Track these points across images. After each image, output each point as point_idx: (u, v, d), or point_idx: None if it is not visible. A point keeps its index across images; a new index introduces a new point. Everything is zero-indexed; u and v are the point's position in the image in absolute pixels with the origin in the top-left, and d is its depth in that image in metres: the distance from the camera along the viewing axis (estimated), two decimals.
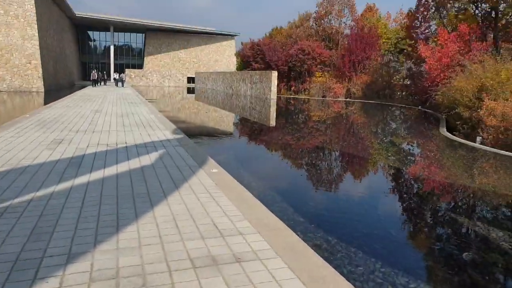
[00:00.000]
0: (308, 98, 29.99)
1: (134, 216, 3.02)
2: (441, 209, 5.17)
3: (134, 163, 4.85)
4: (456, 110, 10.96)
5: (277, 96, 27.33)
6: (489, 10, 19.05)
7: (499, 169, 7.47)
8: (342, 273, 2.90)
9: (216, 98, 28.67)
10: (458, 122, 11.11)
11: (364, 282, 2.99)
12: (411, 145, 10.77)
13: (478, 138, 9.60)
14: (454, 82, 11.87)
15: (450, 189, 6.09)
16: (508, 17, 18.83)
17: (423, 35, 24.24)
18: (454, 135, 10.80)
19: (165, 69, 51.74)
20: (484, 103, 9.92)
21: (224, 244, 2.60)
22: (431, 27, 25.02)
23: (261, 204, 3.52)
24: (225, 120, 16.14)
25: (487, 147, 9.03)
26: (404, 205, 5.42)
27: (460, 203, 5.49)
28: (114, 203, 3.32)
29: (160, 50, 52.13)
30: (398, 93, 27.97)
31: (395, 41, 33.45)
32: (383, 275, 3.11)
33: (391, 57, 33.06)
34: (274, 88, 26.14)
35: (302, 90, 32.67)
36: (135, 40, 56.44)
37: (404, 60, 31.13)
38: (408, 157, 9.06)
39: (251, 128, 13.49)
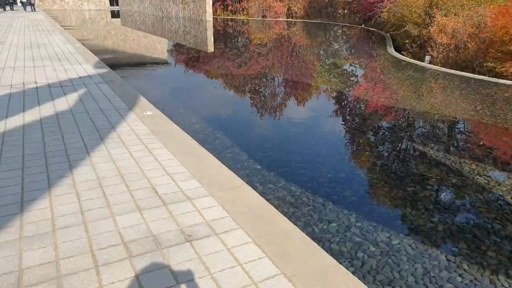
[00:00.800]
0: (247, 19, 28.49)
1: (46, 185, 2.37)
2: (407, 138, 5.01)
3: (47, 109, 4.01)
4: (405, 28, 10.67)
5: (213, 18, 25.58)
6: None
7: (447, 89, 7.49)
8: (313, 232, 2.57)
9: (145, 22, 26.22)
10: (406, 41, 10.93)
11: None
12: (359, 67, 10.49)
13: (427, 57, 9.52)
14: None
15: (405, 112, 5.96)
16: None
17: None
18: (402, 54, 10.71)
19: None
20: (435, 19, 9.71)
21: (168, 215, 2.09)
22: None
23: (209, 154, 3.00)
24: (157, 47, 14.74)
25: (437, 67, 9.03)
26: (364, 136, 5.19)
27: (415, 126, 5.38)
28: (19, 167, 2.60)
29: None
30: (340, 11, 27.42)
31: None
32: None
33: None
34: (209, 9, 24.30)
35: (240, 10, 30.87)
36: None
37: None
38: (359, 80, 8.85)
39: (187, 56, 12.42)
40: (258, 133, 4.82)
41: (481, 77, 7.82)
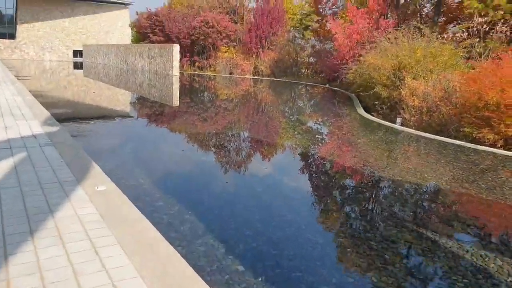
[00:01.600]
0: (214, 75, 28.62)
1: None
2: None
3: None
4: (375, 89, 10.67)
5: (180, 73, 25.45)
6: None
7: (421, 154, 7.23)
8: None
9: (108, 74, 25.65)
10: (376, 102, 10.91)
11: None
12: (329, 126, 10.20)
13: (398, 119, 9.44)
14: (371, 60, 11.57)
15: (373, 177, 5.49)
16: None
17: (331, 10, 24.42)
18: (372, 115, 10.63)
19: (45, 40, 45.36)
20: (405, 82, 9.78)
21: None
22: (339, 2, 25.38)
23: (177, 254, 2.25)
24: (120, 100, 14.05)
25: (410, 129, 8.85)
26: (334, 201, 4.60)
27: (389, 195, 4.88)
28: None
29: (38, 17, 45.37)
30: (304, 71, 28.19)
31: (300, 17, 33.55)
32: None
33: (296, 34, 33.23)
34: (176, 63, 24.19)
35: (208, 66, 31.11)
36: (4, 4, 48.30)
37: (309, 37, 31.49)
38: (329, 139, 8.45)
39: (151, 110, 11.77)
40: (232, 209, 4.10)
41: (458, 142, 7.65)
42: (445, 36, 12.00)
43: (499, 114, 7.29)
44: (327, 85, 21.14)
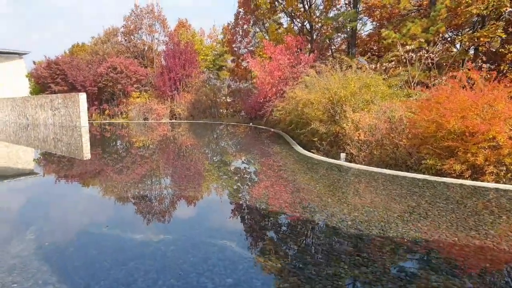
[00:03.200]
0: (128, 122, 27.86)
1: None
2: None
3: None
4: (312, 126, 10.54)
5: (89, 123, 24.34)
6: (304, 23, 21.31)
7: (387, 193, 7.22)
8: None
9: (5, 130, 23.65)
10: (314, 139, 10.70)
11: None
12: (267, 166, 9.58)
13: (342, 155, 9.37)
14: (301, 95, 11.70)
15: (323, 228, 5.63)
16: (322, 29, 21.56)
17: (246, 49, 25.50)
18: (312, 153, 10.50)
19: None
20: (346, 115, 9.76)
21: None
22: (254, 40, 26.67)
23: None
24: (21, 158, 12.96)
25: (359, 165, 8.68)
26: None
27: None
28: None
29: None
30: (224, 111, 28.73)
31: (213, 58, 34.54)
32: None
33: (211, 75, 34.02)
34: (84, 113, 23.12)
35: (119, 113, 30.28)
36: None
37: (225, 77, 32.40)
38: (274, 186, 7.43)
39: (58, 166, 10.99)
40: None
41: (423, 176, 7.40)
42: (373, 67, 12.81)
43: (463, 143, 7.11)
44: (251, 124, 21.62)
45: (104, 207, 6.47)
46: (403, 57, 13.31)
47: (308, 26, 23.31)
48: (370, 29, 22.06)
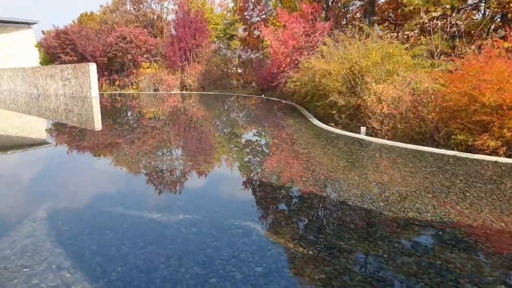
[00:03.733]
0: (138, 93, 27.47)
1: None
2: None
3: None
4: (330, 98, 9.96)
5: (99, 93, 24.00)
6: None
7: (418, 172, 6.78)
8: None
9: (16, 101, 23.45)
10: (333, 111, 10.18)
11: None
12: (285, 140, 9.08)
13: (363, 129, 8.90)
14: (318, 65, 11.01)
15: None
16: None
17: (258, 17, 24.58)
18: (330, 126, 10.02)
19: None
20: (369, 87, 9.13)
21: None
22: (267, 8, 25.70)
23: None
24: (33, 128, 12.71)
25: (382, 140, 8.18)
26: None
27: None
28: None
29: None
30: (235, 82, 28.13)
31: (223, 27, 33.59)
32: None
33: (221, 45, 33.18)
34: (95, 84, 22.75)
35: (129, 84, 29.83)
36: None
37: (236, 47, 31.58)
38: (289, 161, 7.15)
39: (70, 136, 10.72)
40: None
41: (453, 152, 6.91)
42: (394, 36, 12.00)
43: (498, 117, 6.58)
44: (263, 96, 21.07)
45: (118, 182, 6.18)
46: (426, 25, 12.55)
47: None
48: None
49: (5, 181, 6.28)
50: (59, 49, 31.96)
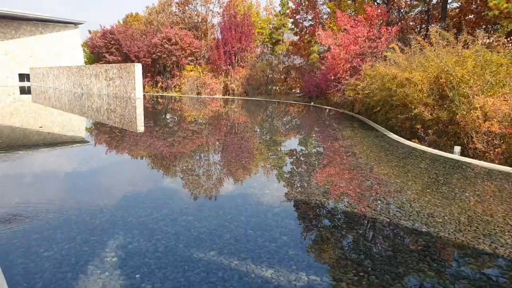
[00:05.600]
0: (180, 96, 26.92)
1: None
2: None
3: None
4: (416, 111, 8.65)
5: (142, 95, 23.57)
6: None
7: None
8: None
9: (61, 99, 23.38)
10: (417, 125, 8.87)
11: None
12: (367, 159, 7.52)
13: (457, 148, 7.67)
14: (393, 73, 9.74)
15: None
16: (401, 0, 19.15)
17: (312, 21, 23.50)
18: (414, 142, 8.62)
19: None
20: (472, 100, 7.73)
21: None
22: (323, 11, 24.66)
23: None
24: (75, 126, 12.08)
25: (491, 164, 6.74)
26: None
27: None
28: None
29: None
30: (278, 89, 27.09)
31: (269, 32, 32.68)
32: None
33: (265, 50, 32.29)
34: (139, 85, 22.30)
35: (172, 86, 29.40)
36: None
37: (280, 52, 30.55)
38: (374, 185, 5.85)
39: (110, 138, 9.91)
40: None
41: None
42: (486, 41, 10.40)
43: None
44: (312, 103, 19.81)
45: (158, 186, 5.16)
46: None
47: None
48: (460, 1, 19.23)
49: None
50: (104, 49, 32.10)
